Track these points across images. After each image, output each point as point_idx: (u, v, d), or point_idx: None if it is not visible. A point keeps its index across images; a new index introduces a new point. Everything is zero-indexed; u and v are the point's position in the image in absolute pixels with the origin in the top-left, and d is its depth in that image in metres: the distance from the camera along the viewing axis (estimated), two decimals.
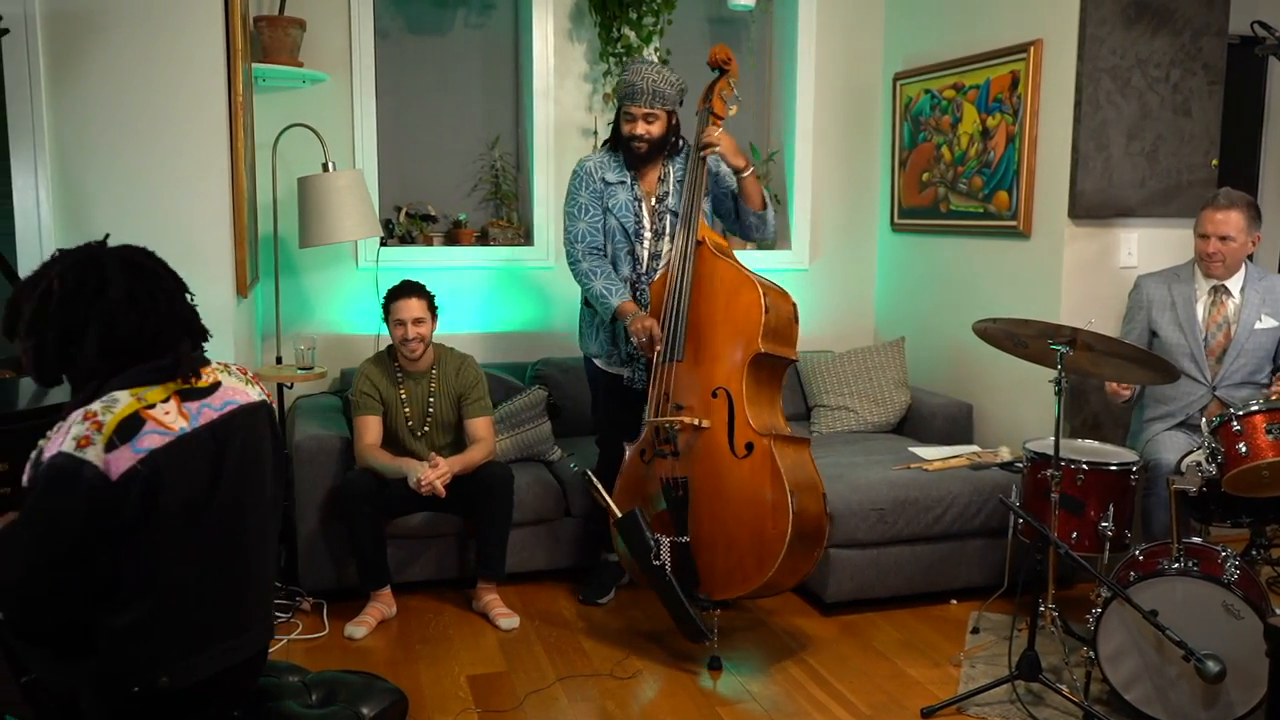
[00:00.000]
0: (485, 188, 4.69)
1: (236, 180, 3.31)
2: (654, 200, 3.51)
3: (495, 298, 4.57)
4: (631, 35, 4.46)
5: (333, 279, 4.38)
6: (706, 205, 3.47)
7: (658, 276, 3.42)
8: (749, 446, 3.09)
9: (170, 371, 1.73)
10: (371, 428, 3.55)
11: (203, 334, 1.83)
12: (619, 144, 3.52)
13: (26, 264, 3.04)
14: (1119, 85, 3.74)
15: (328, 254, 4.31)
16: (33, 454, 1.65)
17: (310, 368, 4.04)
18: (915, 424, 4.42)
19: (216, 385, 1.80)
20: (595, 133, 4.60)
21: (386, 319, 3.60)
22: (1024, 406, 4.08)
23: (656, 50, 4.51)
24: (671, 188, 3.52)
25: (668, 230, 3.50)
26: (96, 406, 1.62)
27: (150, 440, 1.63)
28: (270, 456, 1.88)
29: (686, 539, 3.18)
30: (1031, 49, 3.91)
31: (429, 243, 4.55)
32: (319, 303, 4.38)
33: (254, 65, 3.89)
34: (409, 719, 2.11)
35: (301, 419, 3.84)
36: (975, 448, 4.01)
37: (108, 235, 1.81)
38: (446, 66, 4.59)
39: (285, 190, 4.16)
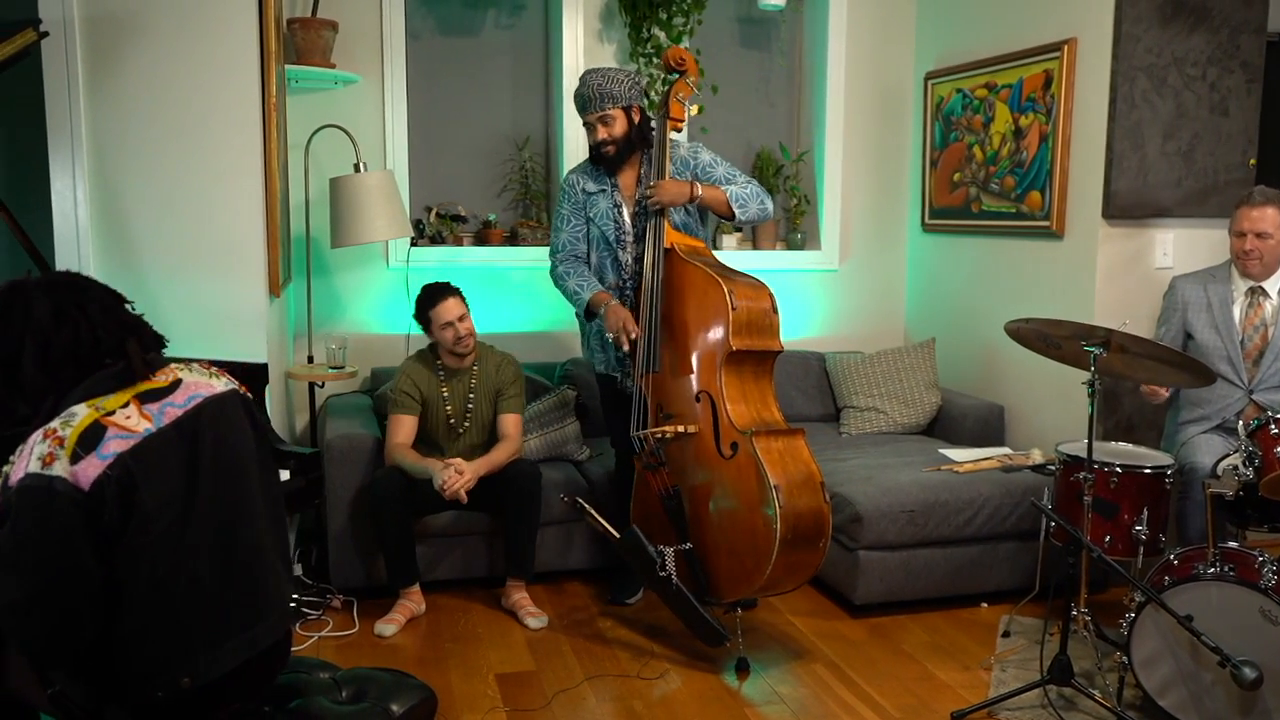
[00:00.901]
0: (515, 188, 4.71)
1: (270, 181, 3.34)
2: (635, 203, 3.48)
3: (524, 298, 4.58)
4: (661, 35, 4.46)
5: (364, 279, 4.42)
6: (680, 215, 3.43)
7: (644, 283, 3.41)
8: (734, 446, 3.09)
9: (124, 377, 1.73)
10: (404, 427, 3.57)
11: (157, 340, 1.83)
12: (592, 154, 3.52)
13: (65, 261, 3.09)
14: (1155, 84, 3.69)
15: (359, 254, 4.34)
16: None
17: (341, 367, 4.07)
18: (946, 426, 4.39)
19: (178, 383, 1.79)
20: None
21: (428, 327, 3.60)
22: (1056, 409, 4.04)
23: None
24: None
25: (649, 233, 3.47)
26: (55, 424, 1.63)
27: (115, 445, 1.63)
28: (252, 444, 1.87)
29: (689, 545, 3.20)
30: (1065, 48, 3.87)
31: (459, 243, 4.57)
32: (350, 302, 4.42)
33: (287, 67, 3.92)
34: (438, 717, 2.13)
35: (332, 418, 3.86)
36: (1007, 450, 3.98)
37: (30, 270, 1.86)
38: (477, 67, 4.61)
39: (317, 190, 4.20)
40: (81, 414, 1.64)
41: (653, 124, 3.47)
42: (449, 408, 3.63)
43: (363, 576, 3.64)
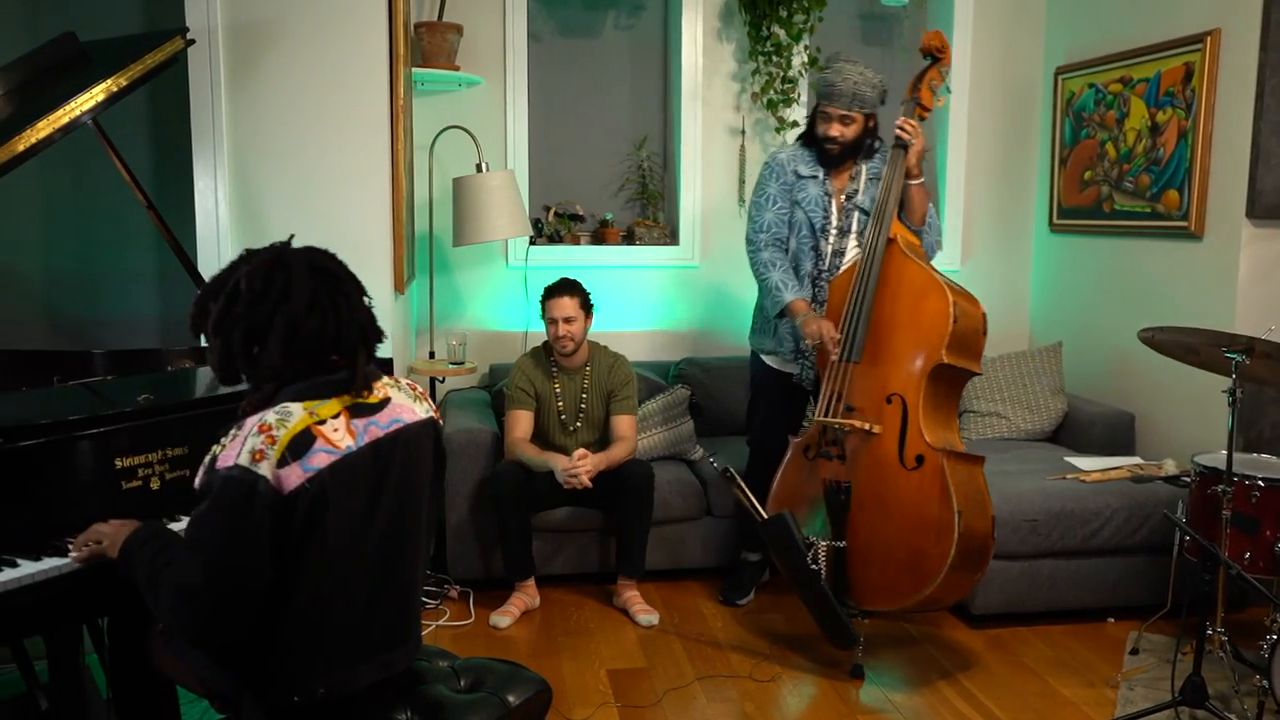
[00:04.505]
0: (632, 187, 4.74)
1: (396, 181, 3.44)
2: (843, 197, 3.43)
3: (640, 297, 4.60)
4: (781, 34, 4.42)
5: (483, 276, 4.51)
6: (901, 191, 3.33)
7: (841, 272, 3.34)
8: (919, 459, 3.00)
9: (344, 385, 1.74)
10: (522, 422, 3.63)
11: (378, 335, 1.83)
12: (812, 140, 3.45)
13: (206, 257, 3.25)
14: None
15: (479, 252, 4.43)
16: (206, 458, 1.67)
17: (461, 363, 4.16)
18: (1072, 433, 4.24)
19: (386, 402, 1.79)
20: (743, 132, 4.58)
21: (542, 314, 3.67)
22: (1192, 418, 3.86)
23: (806, 48, 4.47)
24: (862, 186, 3.44)
25: (854, 228, 3.43)
26: (271, 419, 1.64)
27: (319, 459, 1.65)
28: (430, 474, 1.88)
29: (843, 544, 3.10)
30: (1208, 39, 3.69)
31: (576, 242, 4.63)
32: (470, 299, 4.51)
33: (413, 70, 4.03)
34: (551, 709, 2.15)
35: (452, 412, 3.96)
36: (1137, 459, 3.82)
37: (292, 236, 1.84)
38: (596, 68, 4.66)
39: (440, 190, 4.30)
40: (297, 415, 1.66)
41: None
42: (560, 404, 3.67)
43: (479, 568, 3.71)
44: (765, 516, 3.17)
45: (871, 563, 3.07)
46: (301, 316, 1.70)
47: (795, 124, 4.51)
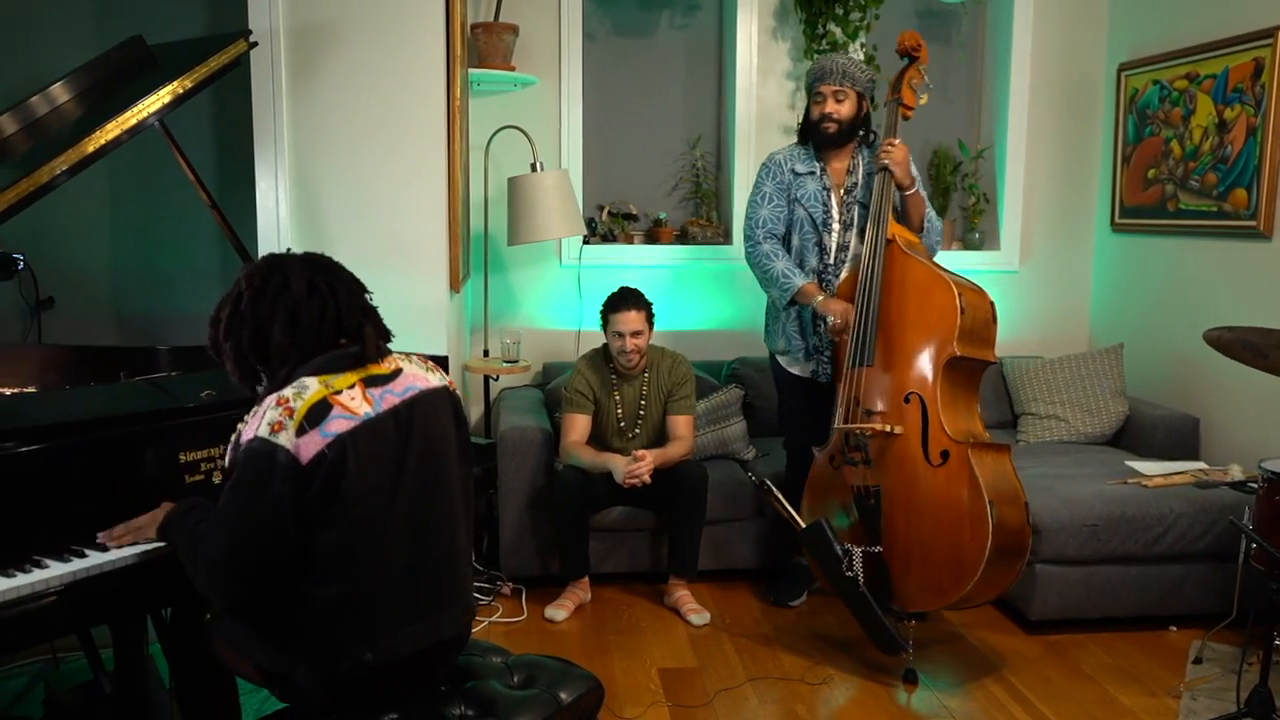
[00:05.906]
0: (686, 187, 4.73)
1: (452, 181, 3.48)
2: (843, 191, 3.44)
3: (693, 296, 4.60)
4: (837, 31, 4.39)
5: (537, 276, 4.53)
6: (896, 200, 3.35)
7: (844, 276, 3.36)
8: (944, 454, 2.99)
9: (356, 359, 1.83)
10: (578, 425, 3.64)
11: (386, 332, 1.93)
12: (808, 133, 3.48)
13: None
14: None
15: (533, 251, 4.46)
16: (233, 437, 1.77)
17: (515, 361, 4.19)
18: (1133, 437, 4.15)
19: (398, 372, 1.88)
20: (798, 130, 4.55)
21: (604, 326, 3.66)
22: (1259, 422, 3.76)
23: (863, 46, 4.43)
24: (860, 179, 3.44)
25: (855, 222, 3.42)
26: (288, 393, 1.73)
27: (337, 425, 1.72)
28: (454, 439, 1.94)
29: (879, 549, 3.09)
30: (1279, 34, 3.59)
31: (629, 241, 4.63)
32: (524, 298, 4.54)
33: (470, 70, 4.06)
34: (603, 707, 2.16)
35: (506, 410, 3.98)
36: (1202, 464, 3.73)
37: (289, 249, 1.98)
38: (651, 67, 4.66)
39: (496, 189, 4.33)
40: (313, 387, 1.74)
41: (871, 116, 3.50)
42: (620, 410, 3.68)
43: (532, 566, 3.73)
44: (802, 526, 3.18)
45: (911, 564, 3.05)
46: (302, 302, 1.81)
47: None
